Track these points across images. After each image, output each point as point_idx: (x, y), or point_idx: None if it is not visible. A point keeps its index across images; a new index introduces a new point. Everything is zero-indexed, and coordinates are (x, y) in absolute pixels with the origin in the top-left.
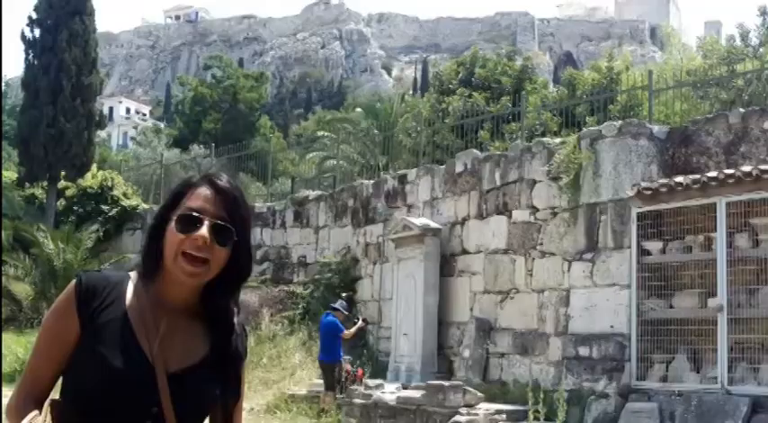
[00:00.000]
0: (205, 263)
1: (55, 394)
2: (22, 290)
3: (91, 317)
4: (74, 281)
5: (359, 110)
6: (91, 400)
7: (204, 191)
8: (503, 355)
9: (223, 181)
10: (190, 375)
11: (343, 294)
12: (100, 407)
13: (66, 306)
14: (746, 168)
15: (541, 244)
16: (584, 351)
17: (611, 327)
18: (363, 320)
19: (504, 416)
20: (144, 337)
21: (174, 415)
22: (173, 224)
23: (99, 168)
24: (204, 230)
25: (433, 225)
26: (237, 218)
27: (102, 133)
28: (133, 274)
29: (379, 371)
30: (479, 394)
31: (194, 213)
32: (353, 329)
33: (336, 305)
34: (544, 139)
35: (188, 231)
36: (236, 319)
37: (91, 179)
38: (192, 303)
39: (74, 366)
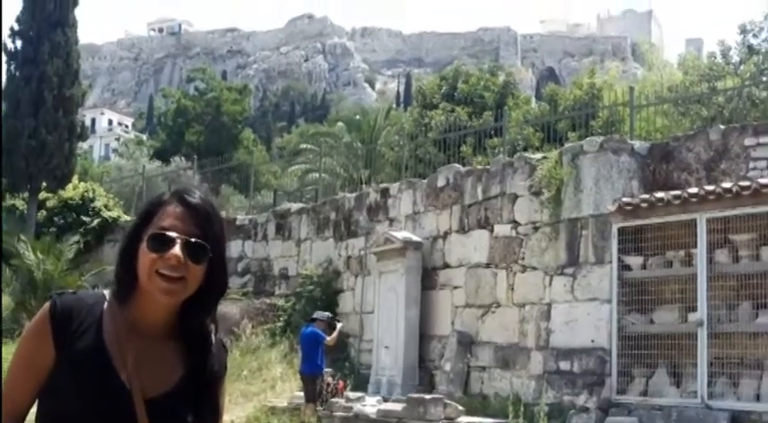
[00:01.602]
0: (181, 280)
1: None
2: (2, 301)
3: (66, 342)
4: (48, 303)
5: (341, 123)
6: None
7: (175, 208)
8: (484, 368)
9: (194, 197)
10: (167, 400)
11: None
12: None
13: (41, 330)
14: (727, 185)
15: (523, 258)
16: (564, 365)
17: (592, 341)
18: (338, 321)
19: None
20: (120, 363)
21: None
22: (144, 246)
23: (80, 180)
24: (177, 249)
25: (415, 239)
26: (211, 234)
27: (83, 145)
28: (108, 295)
29: (361, 383)
30: (460, 407)
31: (166, 232)
32: (335, 334)
33: (316, 316)
34: (526, 154)
35: (160, 251)
36: (213, 337)
37: (72, 190)
38: (170, 324)
39: (50, 393)
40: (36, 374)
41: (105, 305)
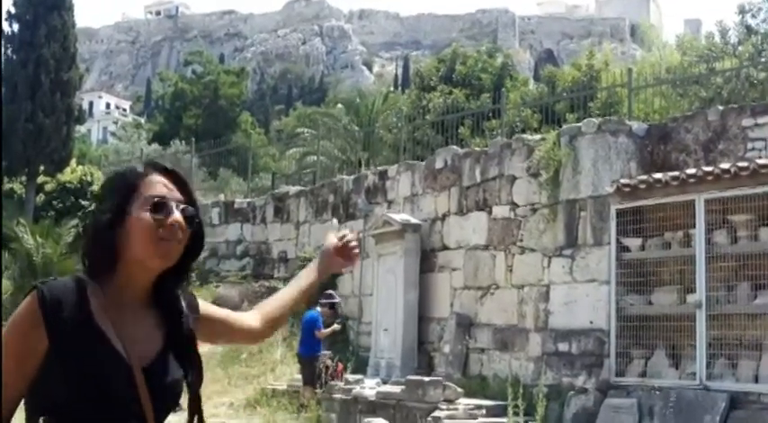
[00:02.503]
0: (178, 245)
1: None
2: (2, 285)
3: (59, 328)
4: (33, 294)
5: (339, 106)
6: (79, 411)
7: (158, 178)
8: (483, 350)
9: (170, 166)
10: (158, 366)
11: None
12: (89, 416)
13: (32, 321)
14: (725, 165)
15: (521, 240)
16: (563, 346)
17: (591, 322)
18: (340, 323)
19: (483, 411)
20: (115, 337)
21: (152, 408)
22: (142, 214)
23: (78, 163)
24: (178, 215)
25: (414, 221)
26: (193, 199)
27: (81, 128)
28: (83, 275)
29: (360, 366)
30: (459, 389)
31: (165, 200)
32: (328, 331)
33: (324, 299)
34: (524, 135)
35: (161, 218)
36: (182, 295)
37: (70, 174)
38: (148, 292)
39: (43, 382)
40: (28, 367)
41: (87, 285)
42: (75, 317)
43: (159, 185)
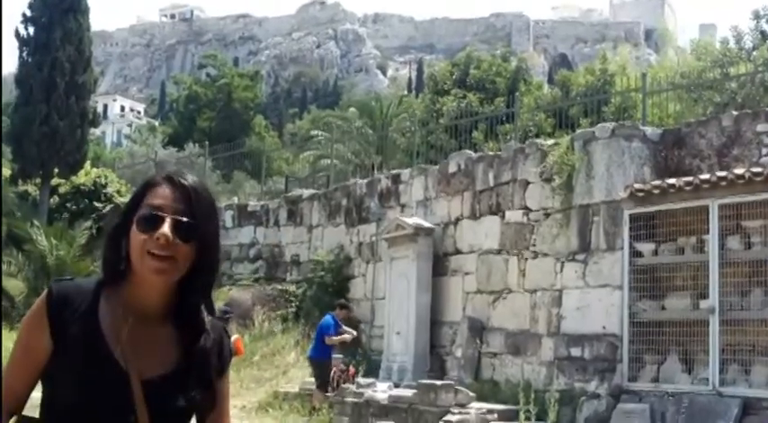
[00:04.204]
0: (170, 259)
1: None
2: (15, 286)
3: (63, 328)
4: (45, 291)
5: (353, 109)
6: (69, 413)
7: (163, 189)
8: (495, 354)
9: (183, 178)
10: (163, 382)
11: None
12: (79, 420)
13: (38, 318)
14: (739, 171)
15: (534, 244)
16: (575, 351)
17: (603, 328)
18: (352, 334)
19: (495, 415)
20: (116, 345)
21: None
22: (135, 227)
23: (93, 166)
24: (166, 228)
25: (426, 225)
26: (199, 212)
27: (96, 131)
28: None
29: (372, 369)
30: (471, 393)
31: (154, 212)
32: (337, 338)
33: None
34: (537, 140)
35: (150, 231)
36: (208, 320)
37: (84, 176)
38: (164, 307)
39: (47, 380)
40: (33, 363)
41: (101, 289)
42: (79, 318)
43: (160, 198)
